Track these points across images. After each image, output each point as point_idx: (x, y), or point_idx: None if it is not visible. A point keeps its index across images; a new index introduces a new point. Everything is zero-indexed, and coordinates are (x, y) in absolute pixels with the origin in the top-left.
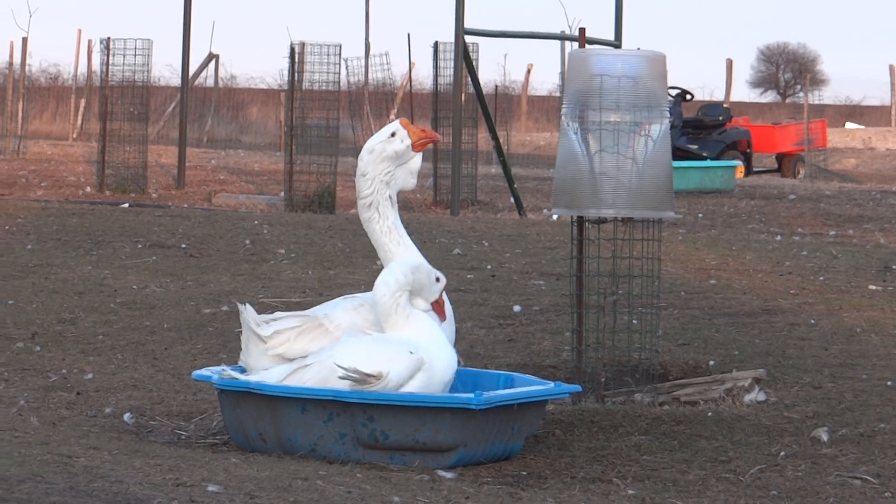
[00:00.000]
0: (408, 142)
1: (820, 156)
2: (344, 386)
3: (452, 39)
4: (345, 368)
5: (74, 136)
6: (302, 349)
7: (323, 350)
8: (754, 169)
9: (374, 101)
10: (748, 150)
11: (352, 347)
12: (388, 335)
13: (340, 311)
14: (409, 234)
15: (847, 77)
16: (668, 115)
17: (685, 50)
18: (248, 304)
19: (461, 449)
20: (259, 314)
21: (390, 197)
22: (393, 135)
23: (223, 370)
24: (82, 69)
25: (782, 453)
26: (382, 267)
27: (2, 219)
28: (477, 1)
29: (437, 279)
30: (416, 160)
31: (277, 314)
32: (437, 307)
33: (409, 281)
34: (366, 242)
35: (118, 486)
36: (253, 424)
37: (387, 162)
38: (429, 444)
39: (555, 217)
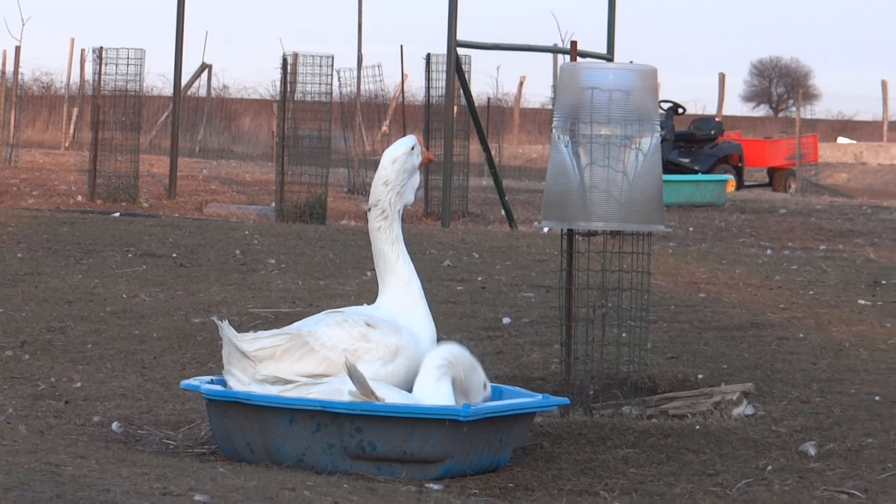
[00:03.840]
0: (420, 158)
1: (811, 170)
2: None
3: (445, 51)
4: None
5: (66, 144)
6: (289, 370)
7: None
8: (745, 183)
9: (366, 113)
10: (739, 164)
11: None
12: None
13: (324, 326)
14: None
15: (839, 92)
16: (660, 129)
17: (678, 63)
18: (226, 321)
19: (448, 460)
20: (242, 330)
21: (399, 210)
22: (412, 149)
23: (211, 381)
24: (75, 78)
25: (770, 467)
26: (373, 278)
27: None
28: (470, 13)
29: (485, 385)
30: (418, 177)
31: (260, 332)
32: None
33: (454, 363)
34: (356, 253)
35: (105, 496)
36: (241, 434)
37: (406, 174)
38: (416, 456)
39: (545, 229)
